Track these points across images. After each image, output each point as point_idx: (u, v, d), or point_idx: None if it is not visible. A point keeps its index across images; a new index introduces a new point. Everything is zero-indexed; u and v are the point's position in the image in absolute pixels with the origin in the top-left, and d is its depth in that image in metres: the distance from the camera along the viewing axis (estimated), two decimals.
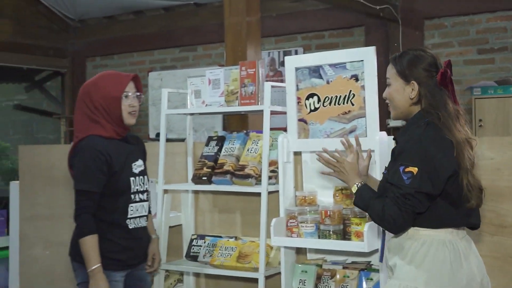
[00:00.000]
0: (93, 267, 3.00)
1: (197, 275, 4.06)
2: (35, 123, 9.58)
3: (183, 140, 4.14)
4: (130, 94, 3.07)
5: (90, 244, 3.00)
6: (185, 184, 3.99)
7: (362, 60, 3.20)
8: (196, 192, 4.06)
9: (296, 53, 7.07)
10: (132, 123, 3.11)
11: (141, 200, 3.18)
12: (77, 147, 3.05)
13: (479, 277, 2.55)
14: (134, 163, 3.14)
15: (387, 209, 2.45)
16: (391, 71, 2.65)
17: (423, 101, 2.58)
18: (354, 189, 2.64)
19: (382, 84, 2.86)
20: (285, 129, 3.55)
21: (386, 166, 2.64)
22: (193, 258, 3.89)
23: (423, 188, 2.42)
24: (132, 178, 3.10)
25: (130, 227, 3.12)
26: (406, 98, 2.61)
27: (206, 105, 3.84)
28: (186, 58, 8.01)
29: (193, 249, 3.93)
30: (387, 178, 2.54)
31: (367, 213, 2.65)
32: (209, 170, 3.80)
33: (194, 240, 3.96)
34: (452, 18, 6.34)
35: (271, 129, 3.59)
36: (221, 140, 3.91)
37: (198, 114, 4.10)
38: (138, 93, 3.12)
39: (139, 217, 3.18)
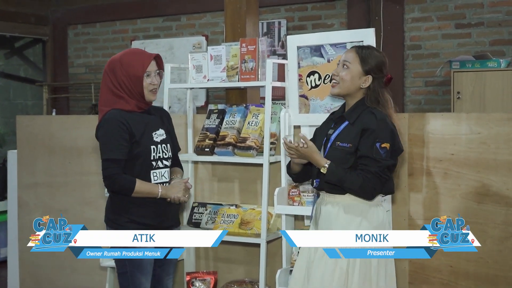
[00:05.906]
0: (159, 194, 3.20)
1: None
2: (12, 89, 9.54)
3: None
4: (152, 73, 3.23)
5: (141, 188, 3.17)
6: (188, 154, 4.15)
7: (362, 41, 3.40)
8: (195, 162, 4.23)
9: (279, 24, 7.21)
10: (153, 99, 3.28)
11: (165, 166, 3.31)
12: (101, 121, 3.21)
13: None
14: (154, 132, 3.27)
15: (369, 182, 2.88)
16: (354, 58, 3.02)
17: (369, 91, 3.01)
18: (324, 170, 2.97)
19: None
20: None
21: (338, 141, 3.00)
22: (195, 224, 4.09)
23: (394, 160, 2.92)
24: (153, 146, 3.23)
25: None
26: (358, 85, 3.02)
27: (208, 80, 4.02)
28: (169, 28, 8.00)
29: (194, 216, 4.11)
30: (360, 151, 2.91)
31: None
32: (211, 142, 3.98)
33: (196, 207, 4.14)
34: None
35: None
36: (221, 113, 4.08)
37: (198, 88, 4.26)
38: (159, 70, 3.28)
39: (165, 182, 3.29)
